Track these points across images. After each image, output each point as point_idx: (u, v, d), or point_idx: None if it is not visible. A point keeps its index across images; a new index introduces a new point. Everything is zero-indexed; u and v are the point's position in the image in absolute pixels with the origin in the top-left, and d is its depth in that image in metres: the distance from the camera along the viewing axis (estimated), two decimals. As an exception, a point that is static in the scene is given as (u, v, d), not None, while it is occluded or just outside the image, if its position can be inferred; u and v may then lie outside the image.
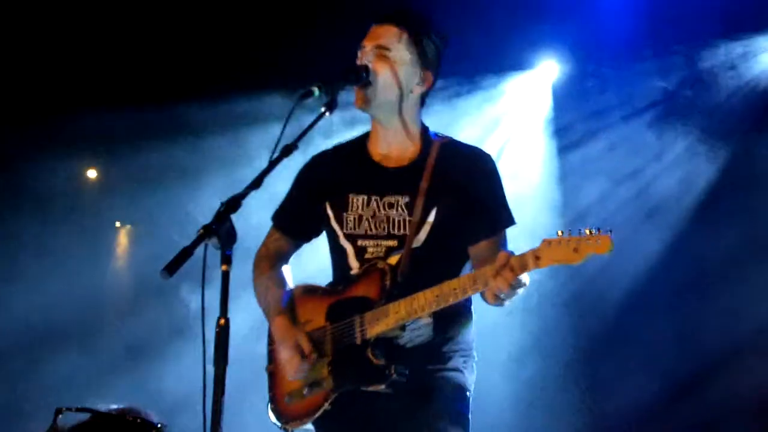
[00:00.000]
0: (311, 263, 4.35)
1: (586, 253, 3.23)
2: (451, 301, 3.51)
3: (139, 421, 3.50)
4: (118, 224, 9.56)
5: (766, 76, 7.45)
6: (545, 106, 8.03)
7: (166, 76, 7.73)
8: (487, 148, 3.98)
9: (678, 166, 7.54)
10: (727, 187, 7.36)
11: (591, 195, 7.66)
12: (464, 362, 3.82)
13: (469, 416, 3.77)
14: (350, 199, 3.84)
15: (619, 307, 7.49)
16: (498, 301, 3.47)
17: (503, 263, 3.34)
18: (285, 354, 3.74)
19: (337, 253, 3.89)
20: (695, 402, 7.04)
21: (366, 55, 3.79)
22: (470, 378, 3.83)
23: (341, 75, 3.68)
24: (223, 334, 3.00)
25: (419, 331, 3.69)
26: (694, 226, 7.43)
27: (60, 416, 3.49)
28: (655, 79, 7.59)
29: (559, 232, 3.30)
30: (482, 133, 7.89)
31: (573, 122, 7.85)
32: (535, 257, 3.31)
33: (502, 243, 3.77)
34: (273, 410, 3.87)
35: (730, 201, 7.32)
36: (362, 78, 3.73)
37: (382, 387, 3.59)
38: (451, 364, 3.78)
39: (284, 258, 4.07)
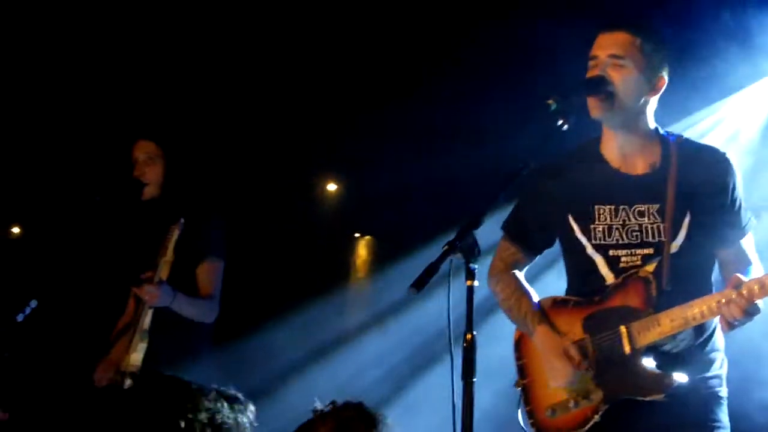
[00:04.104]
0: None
1: None
2: (721, 312, 3.53)
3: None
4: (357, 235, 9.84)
5: None
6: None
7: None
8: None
9: None
10: None
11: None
12: (721, 364, 3.84)
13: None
14: (596, 210, 3.84)
15: None
16: (731, 328, 3.54)
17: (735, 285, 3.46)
18: (553, 363, 3.80)
19: (582, 264, 3.88)
20: None
21: (601, 65, 3.77)
22: (725, 379, 3.84)
23: (581, 87, 3.70)
24: (470, 348, 3.07)
25: (683, 335, 3.67)
26: None
27: None
28: None
29: None
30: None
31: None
32: (761, 285, 3.42)
33: (749, 246, 3.85)
34: (533, 425, 3.90)
35: None
36: (602, 89, 3.72)
37: (662, 396, 3.59)
38: (713, 369, 3.78)
39: (520, 271, 4.12)
